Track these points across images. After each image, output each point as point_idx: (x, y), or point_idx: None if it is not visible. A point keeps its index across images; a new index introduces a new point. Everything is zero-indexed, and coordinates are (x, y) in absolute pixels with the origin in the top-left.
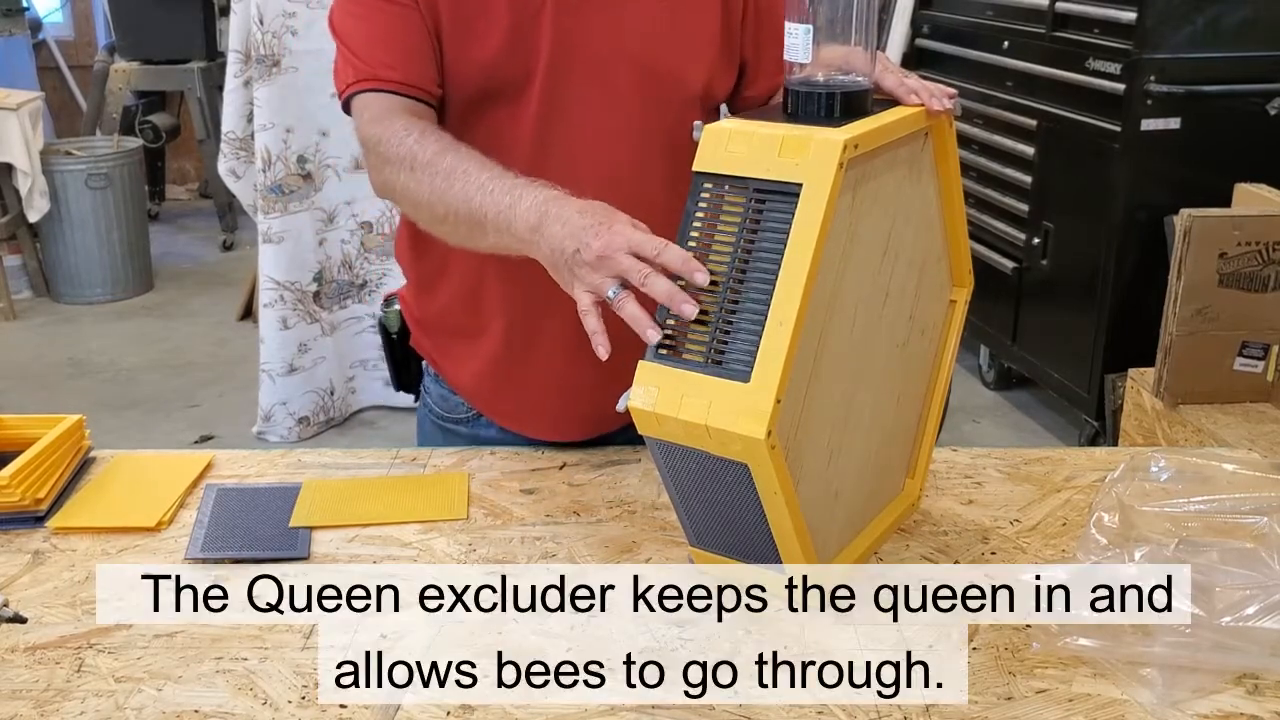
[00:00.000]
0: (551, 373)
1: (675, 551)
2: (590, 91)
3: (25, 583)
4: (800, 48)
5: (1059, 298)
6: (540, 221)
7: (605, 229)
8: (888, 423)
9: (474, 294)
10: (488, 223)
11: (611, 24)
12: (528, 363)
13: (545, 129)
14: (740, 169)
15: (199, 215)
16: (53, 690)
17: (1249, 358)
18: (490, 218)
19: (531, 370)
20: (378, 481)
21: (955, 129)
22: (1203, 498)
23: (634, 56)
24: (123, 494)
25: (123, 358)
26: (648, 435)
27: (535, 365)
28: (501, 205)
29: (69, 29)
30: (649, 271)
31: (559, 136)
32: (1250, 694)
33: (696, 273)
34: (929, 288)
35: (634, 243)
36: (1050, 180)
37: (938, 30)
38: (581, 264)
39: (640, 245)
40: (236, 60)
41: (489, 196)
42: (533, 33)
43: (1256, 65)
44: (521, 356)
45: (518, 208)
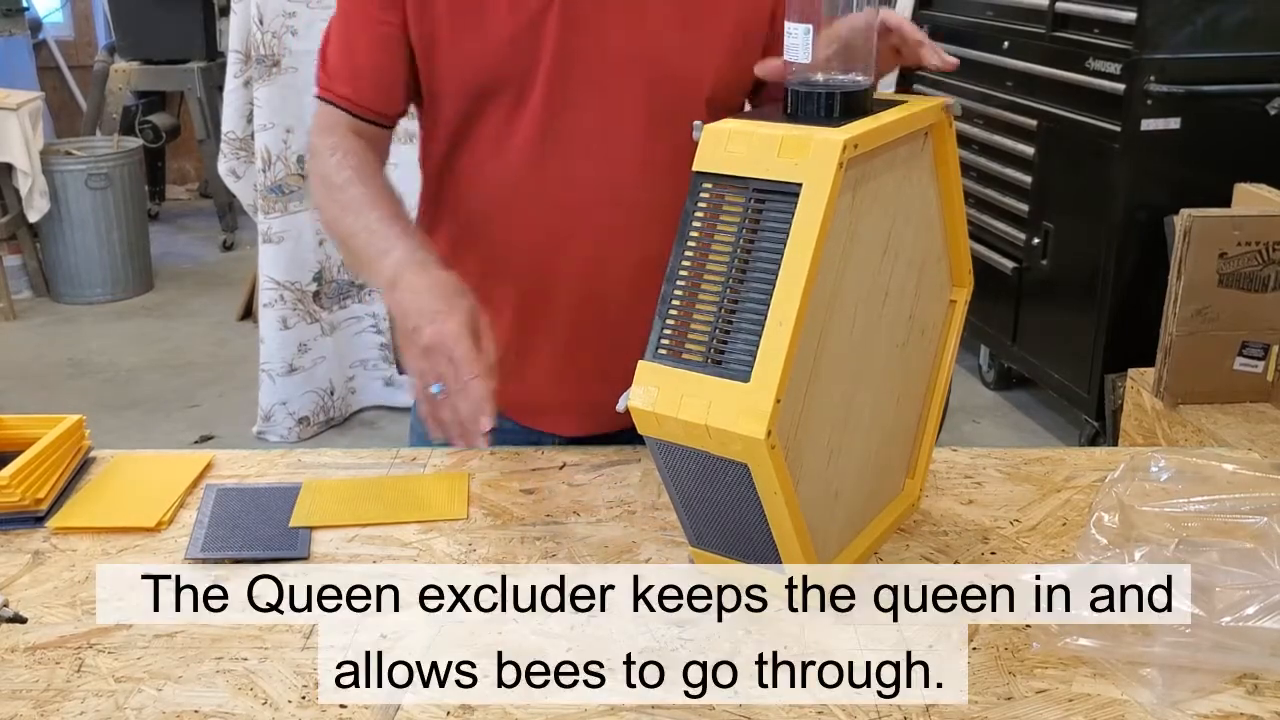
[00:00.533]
0: (550, 367)
1: (675, 551)
2: (594, 93)
3: (25, 583)
4: (800, 48)
5: (1059, 298)
6: (394, 282)
7: (442, 319)
8: (888, 423)
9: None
10: (361, 263)
11: (618, 25)
12: (526, 356)
13: (548, 129)
14: (740, 169)
15: (199, 215)
16: (53, 690)
17: (1249, 358)
18: (363, 259)
19: (530, 364)
20: (378, 481)
21: (955, 129)
22: (1203, 498)
23: (640, 59)
24: (123, 494)
25: (123, 358)
26: (648, 435)
27: (534, 359)
28: (373, 252)
29: (69, 29)
30: (462, 388)
31: (562, 137)
32: (1250, 694)
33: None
34: (929, 288)
35: (456, 354)
36: (1050, 180)
37: (938, 30)
38: (414, 344)
39: (457, 360)
40: (236, 60)
41: (369, 239)
42: (538, 32)
43: (1256, 65)
44: (520, 351)
45: (383, 260)
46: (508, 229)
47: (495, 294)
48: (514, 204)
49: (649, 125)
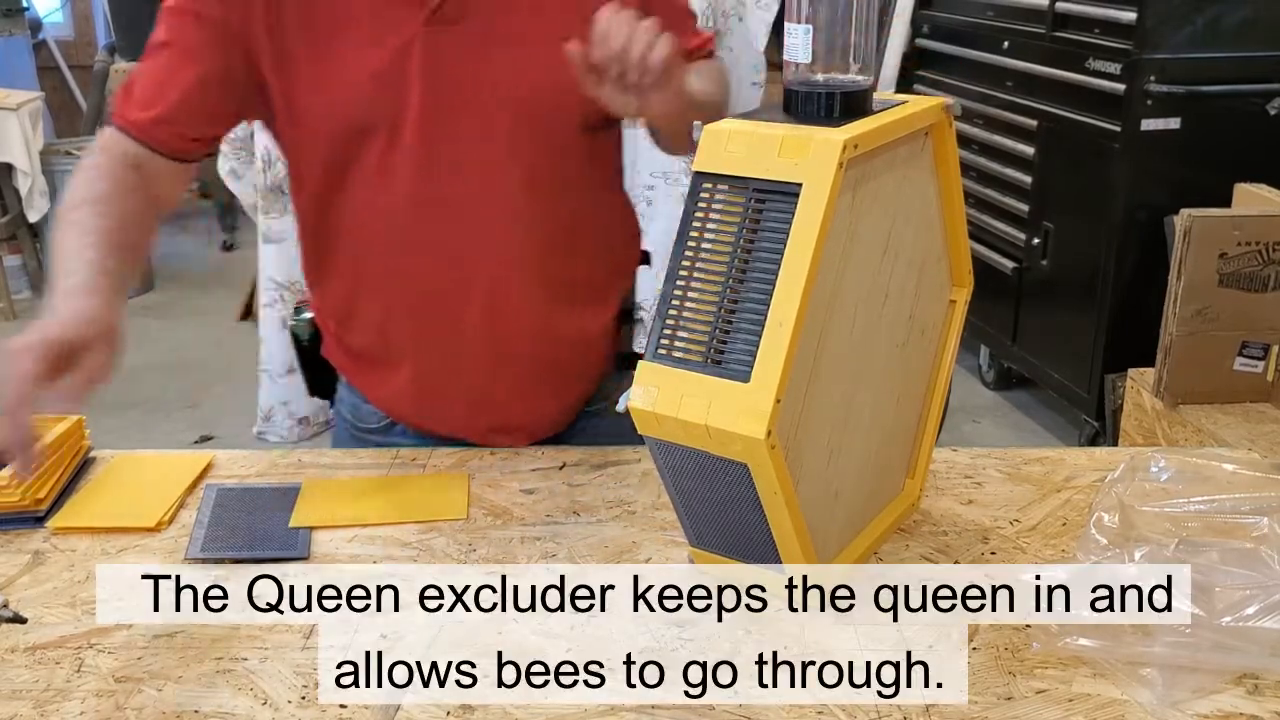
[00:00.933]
0: (470, 391)
1: (675, 551)
2: (469, 123)
3: (25, 583)
4: (800, 48)
5: (1059, 298)
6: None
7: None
8: (888, 423)
9: (382, 330)
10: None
11: (484, 56)
12: (444, 387)
13: (427, 165)
14: (739, 169)
15: (199, 215)
16: (53, 690)
17: (1249, 358)
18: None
19: (449, 393)
20: (378, 481)
21: (955, 129)
22: (1203, 498)
23: (511, 85)
24: (123, 494)
25: (123, 358)
26: (647, 435)
27: (452, 388)
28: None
29: (69, 29)
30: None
31: (443, 171)
32: (1250, 694)
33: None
34: (929, 288)
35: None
36: (1050, 180)
37: (938, 30)
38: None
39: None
40: None
41: (60, 262)
42: (403, 66)
43: (1256, 65)
44: (437, 382)
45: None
46: (403, 274)
47: (405, 331)
48: (404, 245)
49: (529, 150)
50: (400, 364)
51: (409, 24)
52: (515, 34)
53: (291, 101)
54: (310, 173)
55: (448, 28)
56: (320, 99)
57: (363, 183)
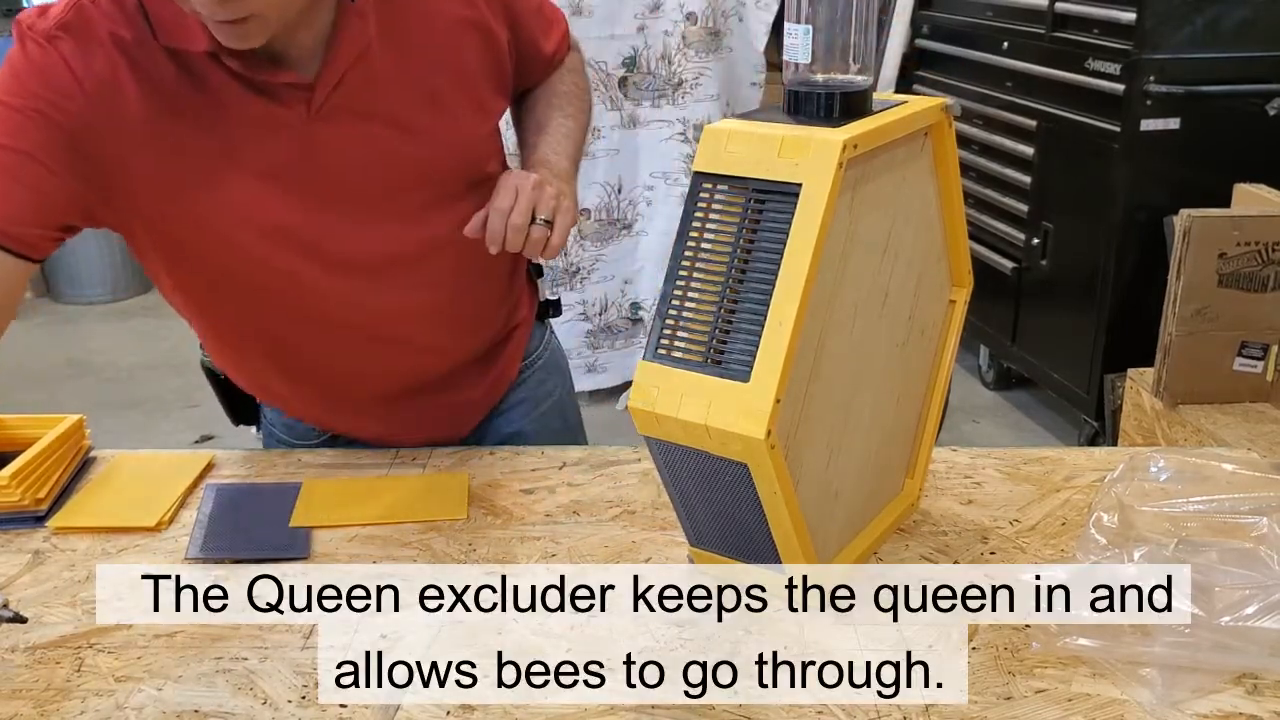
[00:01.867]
0: (375, 414)
1: (675, 551)
2: (363, 202)
3: (25, 583)
4: (800, 48)
5: (1058, 298)
6: None
7: None
8: (887, 423)
9: (266, 390)
10: None
11: (364, 135)
12: (348, 413)
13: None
14: (739, 169)
15: None
16: (53, 690)
17: (1248, 358)
18: None
19: (356, 415)
20: (378, 481)
21: (955, 129)
22: (1202, 498)
23: (398, 155)
24: (123, 494)
25: (123, 358)
26: (647, 435)
27: (357, 414)
28: None
29: None
30: None
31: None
32: (1250, 694)
33: None
34: (928, 288)
35: None
36: (1050, 180)
37: (938, 30)
38: None
39: None
40: None
41: None
42: (285, 175)
43: (1256, 65)
44: (337, 411)
45: None
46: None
47: (283, 388)
48: (298, 317)
49: (427, 208)
50: (294, 404)
51: (291, 124)
52: (383, 105)
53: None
54: (188, 281)
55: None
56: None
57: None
